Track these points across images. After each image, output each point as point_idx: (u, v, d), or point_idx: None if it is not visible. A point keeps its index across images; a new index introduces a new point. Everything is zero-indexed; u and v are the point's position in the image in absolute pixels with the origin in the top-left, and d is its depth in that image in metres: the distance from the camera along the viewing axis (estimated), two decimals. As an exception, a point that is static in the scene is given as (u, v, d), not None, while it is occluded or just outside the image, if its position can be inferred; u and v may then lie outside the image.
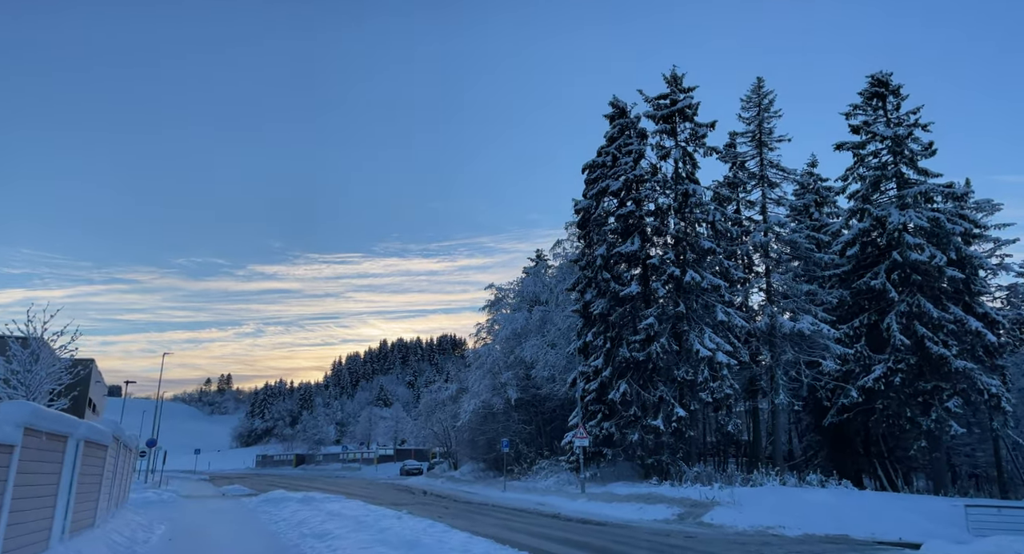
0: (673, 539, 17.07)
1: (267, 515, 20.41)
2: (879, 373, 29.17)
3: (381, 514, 17.21)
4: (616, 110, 34.51)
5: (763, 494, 22.76)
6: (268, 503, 24.00)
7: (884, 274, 30.30)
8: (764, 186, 33.16)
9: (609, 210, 33.14)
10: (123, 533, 13.05)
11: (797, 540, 17.31)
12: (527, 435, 40.13)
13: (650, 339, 29.83)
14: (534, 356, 38.57)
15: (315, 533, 13.38)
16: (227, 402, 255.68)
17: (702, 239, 30.52)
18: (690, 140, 32.47)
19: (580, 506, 26.57)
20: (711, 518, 20.90)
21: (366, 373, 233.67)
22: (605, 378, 30.63)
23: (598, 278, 32.38)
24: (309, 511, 18.65)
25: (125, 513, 16.85)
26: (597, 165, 34.19)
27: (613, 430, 30.10)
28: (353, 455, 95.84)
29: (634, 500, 25.32)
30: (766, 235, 31.74)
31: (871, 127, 32.13)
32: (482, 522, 20.36)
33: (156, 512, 21.36)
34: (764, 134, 33.51)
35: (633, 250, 31.20)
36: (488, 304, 49.46)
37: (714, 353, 28.19)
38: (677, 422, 28.34)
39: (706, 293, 30.12)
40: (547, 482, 34.35)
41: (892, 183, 32.10)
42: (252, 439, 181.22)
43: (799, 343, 30.37)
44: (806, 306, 30.38)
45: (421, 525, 14.21)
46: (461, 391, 48.97)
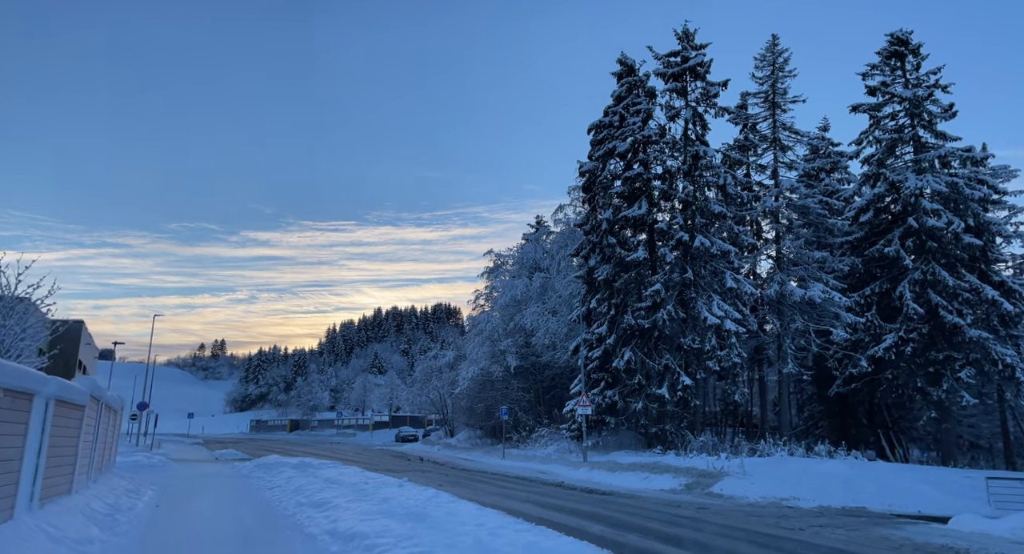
0: (685, 510, 16.38)
1: (261, 481, 19.62)
2: (890, 342, 28.43)
3: (381, 482, 16.40)
4: (624, 67, 33.05)
5: (773, 465, 22.11)
6: (262, 469, 23.23)
7: (898, 241, 29.36)
8: (776, 149, 31.98)
9: (615, 173, 31.93)
10: (105, 500, 12.16)
11: (814, 512, 16.64)
12: (526, 403, 39.51)
13: (656, 306, 28.94)
14: (534, 323, 37.71)
15: (312, 502, 12.53)
16: (221, 367, 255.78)
17: (712, 203, 29.43)
18: (701, 100, 31.14)
19: (583, 475, 25.96)
20: (721, 489, 20.25)
21: (360, 341, 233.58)
22: (609, 346, 29.80)
23: (603, 243, 31.32)
24: (305, 478, 17.84)
25: (110, 478, 15.98)
26: (604, 125, 32.86)
27: (616, 398, 29.38)
28: (348, 421, 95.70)
29: (639, 469, 24.70)
30: (777, 200, 30.67)
31: (889, 88, 30.84)
32: (484, 491, 19.66)
33: (145, 477, 20.54)
34: (778, 95, 32.20)
35: (640, 214, 30.10)
36: (487, 271, 48.45)
37: (722, 321, 27.33)
38: (683, 391, 27.62)
39: (715, 259, 29.14)
40: (547, 450, 33.78)
41: (909, 147, 30.96)
42: (246, 404, 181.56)
43: (808, 311, 29.56)
44: (817, 274, 29.47)
45: (425, 495, 13.37)
46: (459, 358, 48.25)
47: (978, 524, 13.81)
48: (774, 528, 13.73)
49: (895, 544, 12.04)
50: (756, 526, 13.95)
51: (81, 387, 10.39)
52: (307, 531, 10.00)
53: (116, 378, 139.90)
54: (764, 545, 11.55)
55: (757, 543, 11.71)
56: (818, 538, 12.56)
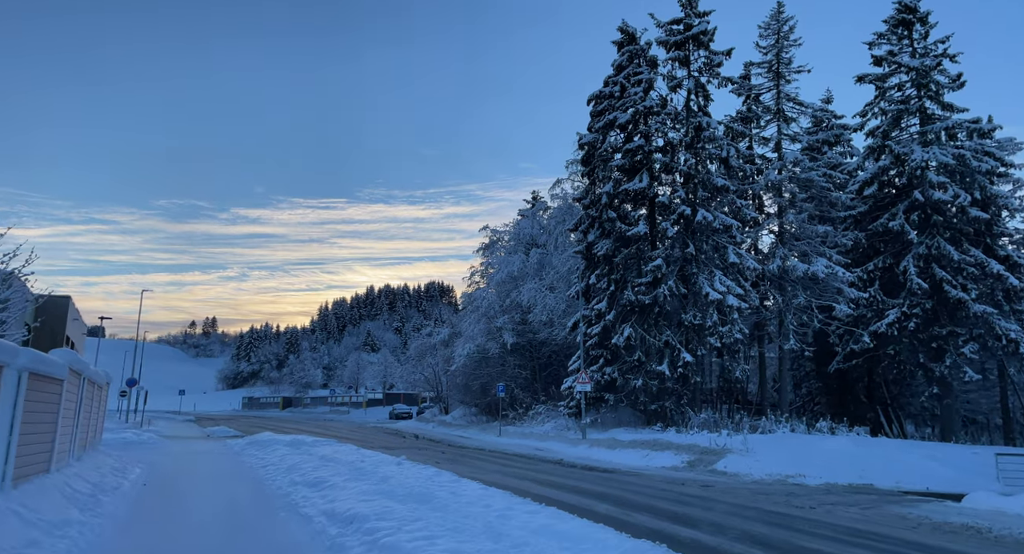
0: (690, 488, 15.96)
1: (254, 459, 19.08)
2: (893, 318, 28.05)
3: (378, 460, 15.88)
4: (625, 36, 32.08)
5: (776, 442, 21.77)
6: (255, 446, 22.69)
7: (903, 215, 28.83)
8: (780, 121, 31.24)
9: (615, 145, 31.12)
10: (89, 479, 11.55)
11: (821, 490, 16.27)
12: (522, 380, 39.09)
13: (657, 281, 28.38)
14: (531, 300, 37.13)
15: (308, 481, 11.97)
16: (212, 345, 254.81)
17: (714, 176, 28.75)
18: (704, 70, 30.27)
19: (582, 452, 25.60)
20: (724, 466, 19.89)
21: (353, 318, 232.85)
22: (608, 322, 29.29)
23: (603, 218, 30.64)
24: (299, 455, 17.30)
25: (96, 456, 15.37)
26: (604, 96, 31.97)
27: (616, 375, 28.94)
28: (341, 399, 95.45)
29: (639, 446, 24.35)
30: (780, 173, 30.01)
31: (896, 57, 30.07)
32: (483, 469, 19.21)
33: (133, 454, 19.96)
34: (782, 64, 31.38)
35: (641, 187, 29.40)
36: (482, 247, 47.73)
37: (724, 296, 26.83)
38: (683, 368, 27.19)
39: (717, 234, 28.54)
40: (544, 427, 33.44)
41: (915, 118, 30.29)
42: (238, 381, 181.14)
43: (811, 287, 29.09)
44: (820, 248, 28.95)
45: (425, 473, 12.86)
46: (454, 335, 47.73)
47: (993, 502, 13.44)
48: (784, 506, 13.32)
49: (912, 523, 11.63)
50: (766, 504, 13.54)
51: (59, 360, 9.71)
52: (303, 512, 9.44)
53: (106, 355, 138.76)
54: (777, 524, 11.11)
55: (770, 522, 11.27)
56: (831, 517, 12.15)
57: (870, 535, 10.34)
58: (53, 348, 30.50)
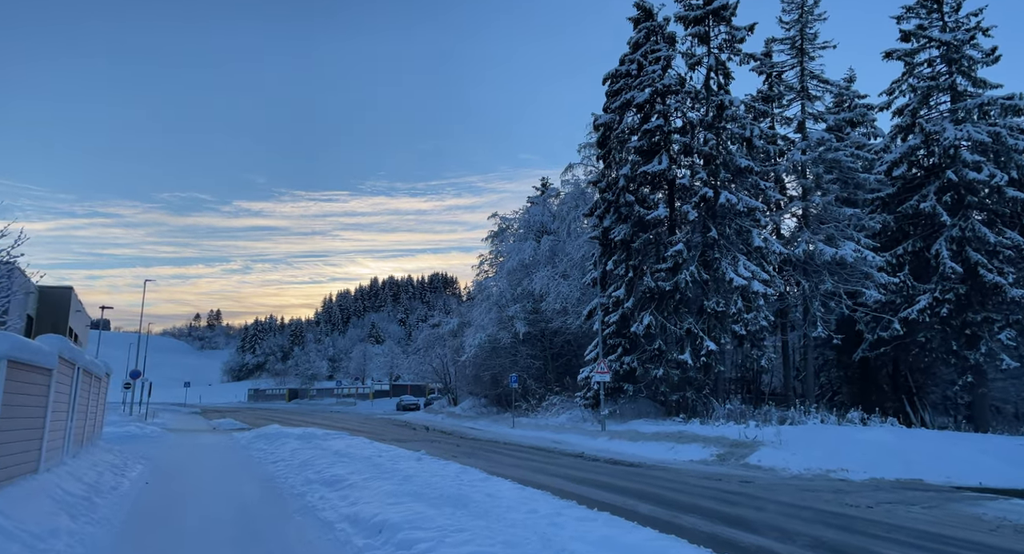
0: (729, 484, 14.93)
1: (263, 453, 18.10)
2: (924, 304, 26.91)
3: (396, 454, 14.88)
4: (641, 12, 30.79)
5: (809, 434, 20.70)
6: (263, 439, 21.74)
7: (934, 196, 27.62)
8: (804, 99, 29.98)
9: (632, 126, 29.90)
10: (84, 479, 10.54)
11: (868, 485, 15.22)
12: (535, 370, 38.06)
13: (678, 267, 27.27)
14: (544, 288, 36.03)
15: (324, 479, 10.95)
16: (217, 337, 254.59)
17: (736, 157, 27.54)
18: (724, 46, 29.01)
19: (602, 445, 24.59)
20: (758, 460, 18.83)
21: (357, 310, 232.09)
22: (627, 309, 28.20)
23: (620, 201, 29.48)
24: (311, 450, 16.30)
25: (94, 452, 14.38)
26: (620, 75, 30.73)
27: (635, 365, 27.89)
28: (348, 390, 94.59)
29: (663, 439, 23.31)
30: (805, 153, 28.79)
31: (926, 31, 28.76)
32: (504, 463, 18.21)
33: (136, 448, 19.00)
34: (806, 40, 30.09)
35: (660, 170, 28.21)
36: (491, 235, 46.61)
37: (749, 282, 25.72)
38: (707, 356, 26.12)
39: (740, 217, 27.39)
40: (559, 419, 32.44)
41: (945, 96, 29.03)
42: (243, 374, 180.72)
43: (837, 272, 27.94)
44: (847, 232, 27.79)
45: (449, 470, 11.84)
46: (463, 325, 46.69)
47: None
48: (839, 506, 12.27)
49: (990, 525, 10.56)
50: (817, 503, 12.49)
51: (47, 347, 8.66)
52: (322, 516, 8.41)
53: (111, 348, 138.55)
54: (843, 527, 10.05)
55: (833, 525, 10.21)
56: (894, 518, 11.09)
57: (950, 540, 9.28)
58: None
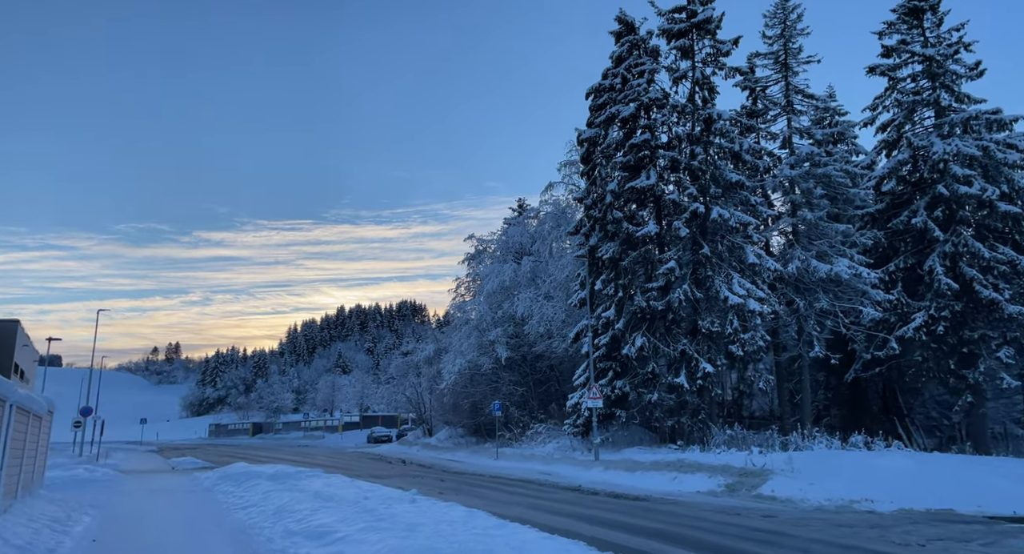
0: (750, 519, 13.53)
1: (230, 497, 16.12)
2: (920, 321, 26.21)
3: (385, 496, 13.14)
4: (623, 26, 30.16)
5: (820, 460, 19.48)
6: (229, 480, 19.65)
7: (924, 211, 27.18)
8: (790, 114, 29.51)
9: (618, 141, 28.99)
10: (13, 539, 8.65)
11: (901, 518, 13.95)
12: (518, 397, 36.41)
13: (669, 285, 26.16)
14: (527, 310, 34.62)
15: (308, 531, 9.23)
16: (176, 371, 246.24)
17: (726, 171, 26.75)
18: (709, 60, 28.42)
19: (598, 476, 23.03)
20: (772, 490, 17.49)
21: (323, 340, 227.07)
22: (618, 331, 26.92)
23: (607, 218, 28.40)
24: (287, 492, 14.44)
25: (31, 503, 12.34)
26: (604, 89, 29.91)
27: (627, 389, 26.53)
28: (315, 423, 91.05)
29: (663, 468, 21.87)
30: (793, 168, 28.18)
31: (909, 46, 28.65)
32: (499, 500, 16.57)
33: (84, 496, 16.82)
34: (790, 55, 29.75)
35: (648, 185, 27.26)
36: (468, 257, 45.15)
37: (745, 300, 24.71)
38: (703, 379, 24.90)
39: (732, 233, 26.50)
40: (546, 448, 30.78)
41: (930, 111, 28.84)
42: (204, 408, 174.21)
43: (832, 289, 27.16)
44: (840, 248, 27.09)
45: (454, 514, 10.21)
46: (440, 352, 44.87)
47: None
48: (885, 544, 10.94)
49: (1074, 562, 9.36)
50: (861, 541, 11.14)
51: (-38, 380, 6.89)
52: (313, 586, 6.73)
53: (62, 385, 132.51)
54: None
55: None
56: (958, 556, 9.82)
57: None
58: None
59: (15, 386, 9.31)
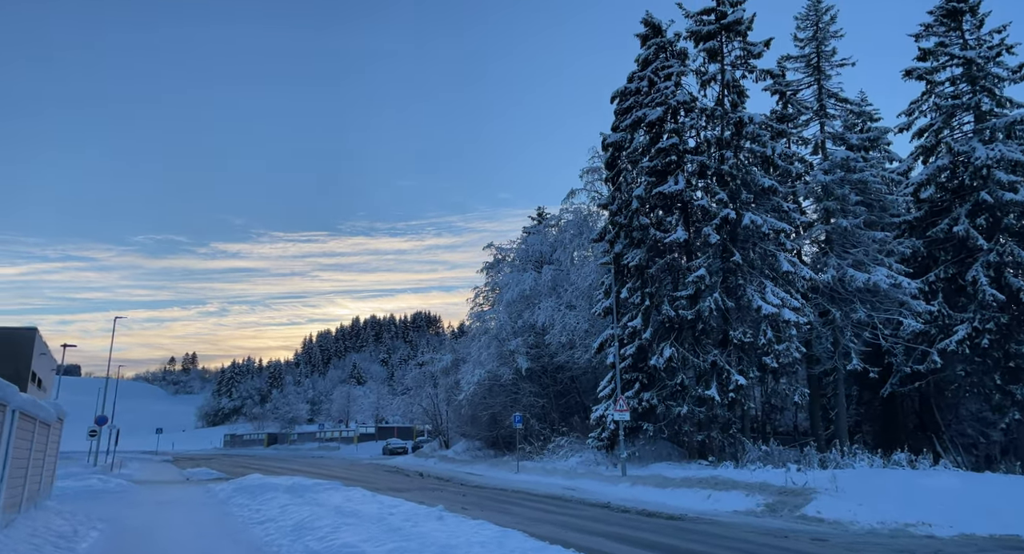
0: (800, 543, 12.54)
1: (245, 510, 15.36)
2: (963, 334, 25.03)
3: (409, 512, 12.31)
4: (649, 28, 29.47)
5: (865, 479, 18.38)
6: (244, 492, 18.91)
7: (966, 218, 26.07)
8: (823, 118, 28.58)
9: (644, 145, 28.19)
10: (12, 559, 7.92)
11: (966, 544, 12.86)
12: (538, 409, 35.46)
13: (699, 294, 25.21)
14: (548, 320, 33.75)
15: (330, 551, 8.45)
16: (192, 381, 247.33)
17: (758, 176, 25.85)
18: (739, 63, 27.62)
19: (625, 492, 22.05)
20: (817, 511, 16.42)
21: (338, 351, 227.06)
22: (645, 341, 25.98)
23: (633, 225, 27.56)
24: (306, 507, 13.65)
25: (37, 516, 11.65)
26: (629, 92, 29.18)
27: (655, 402, 25.53)
28: (331, 434, 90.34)
29: (695, 485, 20.84)
30: (828, 173, 27.21)
31: (947, 49, 27.68)
32: (526, 516, 15.69)
33: (94, 508, 16.14)
34: (823, 58, 28.88)
35: (677, 190, 26.41)
36: (487, 266, 44.43)
37: (780, 310, 23.70)
38: (735, 391, 23.87)
39: (764, 240, 25.55)
40: (569, 463, 29.79)
41: (969, 115, 27.79)
42: (219, 418, 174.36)
43: (869, 300, 26.07)
44: (877, 257, 26.02)
45: (487, 534, 9.36)
46: (458, 362, 44.07)
47: None
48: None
49: None
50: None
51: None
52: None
53: (80, 394, 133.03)
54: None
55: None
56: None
57: None
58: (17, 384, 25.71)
59: (16, 390, 8.63)
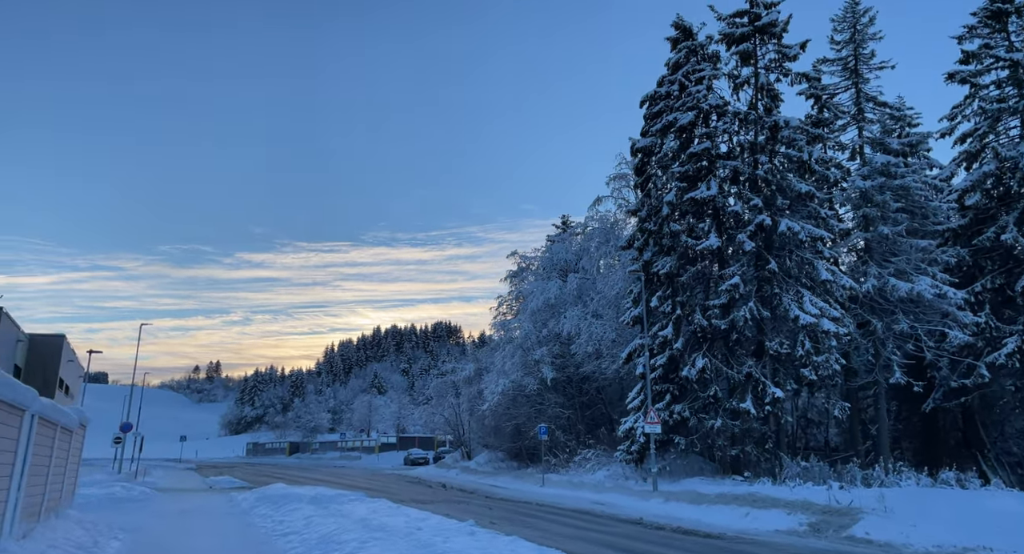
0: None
1: (268, 521, 14.90)
2: (1013, 346, 23.89)
3: (439, 526, 11.73)
4: (680, 32, 28.90)
5: (916, 499, 17.38)
6: (267, 502, 18.49)
7: (1015, 226, 24.98)
8: (861, 123, 27.70)
9: (674, 150, 27.55)
10: (26, 573, 7.47)
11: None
12: (564, 421, 34.71)
13: (732, 303, 24.42)
14: (574, 329, 33.07)
15: (358, 571, 7.86)
16: (216, 389, 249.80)
17: (795, 182, 25.04)
18: (773, 66, 26.92)
19: (658, 508, 21.23)
20: (866, 532, 15.50)
21: (359, 360, 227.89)
22: (676, 351, 25.21)
23: (663, 231, 26.88)
24: (330, 519, 13.13)
25: (57, 526, 11.26)
26: (659, 96, 28.59)
27: (687, 414, 24.71)
28: (352, 443, 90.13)
29: (731, 502, 19.97)
30: (867, 179, 26.31)
31: (993, 51, 26.71)
32: (553, 532, 15.04)
33: (115, 517, 15.79)
34: (860, 61, 28.02)
35: (709, 196, 25.69)
36: (510, 274, 43.90)
37: (819, 320, 22.82)
38: (772, 404, 22.98)
39: (801, 247, 24.71)
40: (596, 476, 28.99)
41: (1016, 119, 26.76)
42: (242, 427, 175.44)
43: (912, 310, 25.05)
44: (921, 266, 25.02)
45: (524, 552, 8.74)
46: (481, 371, 43.49)
47: None
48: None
49: None
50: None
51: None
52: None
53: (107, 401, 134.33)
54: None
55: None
56: None
57: None
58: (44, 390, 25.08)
59: (36, 394, 8.24)
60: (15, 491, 8.32)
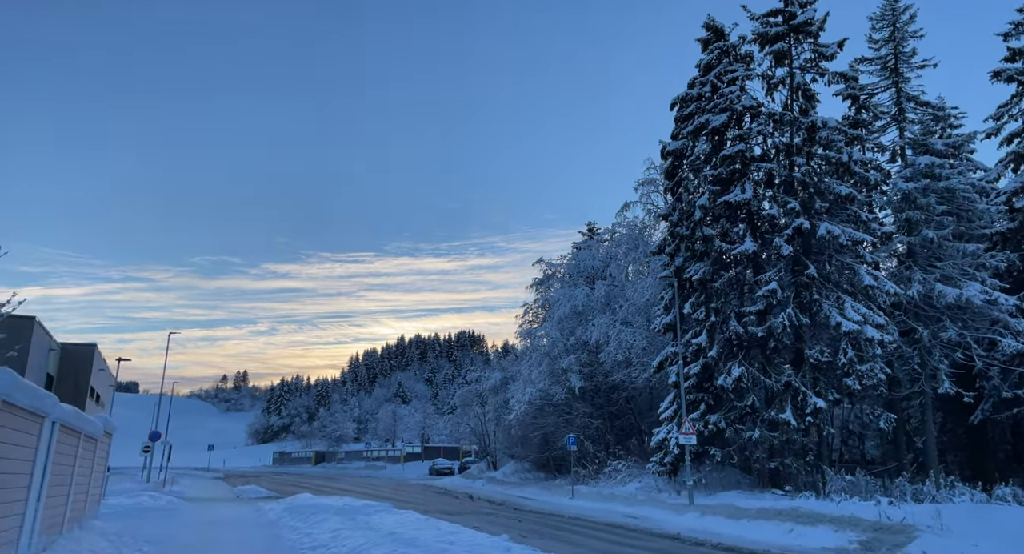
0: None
1: (296, 534, 14.47)
2: (1069, 354, 22.71)
3: (472, 541, 11.17)
4: (711, 33, 28.26)
5: (974, 516, 16.39)
6: (295, 513, 18.09)
7: (1067, 229, 23.86)
8: (902, 123, 26.74)
9: (706, 153, 26.87)
10: (43, 589, 7.07)
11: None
12: (592, 431, 33.94)
13: (770, 309, 23.58)
14: (602, 337, 32.37)
15: (391, 591, 7.33)
16: (243, 399, 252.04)
17: (834, 184, 24.19)
18: (808, 66, 26.15)
19: (694, 523, 20.39)
20: (922, 551, 14.40)
21: (384, 369, 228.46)
22: (711, 359, 24.39)
23: (695, 236, 26.16)
24: (359, 531, 12.65)
25: (80, 538, 10.92)
26: (691, 99, 27.93)
27: (723, 425, 23.85)
28: (377, 453, 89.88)
29: (772, 517, 19.07)
30: (909, 181, 25.35)
31: (1041, 48, 25.69)
32: (588, 546, 14.49)
33: (141, 527, 15.48)
34: (900, 60, 27.09)
35: (744, 199, 24.93)
36: (536, 282, 43.35)
37: (862, 327, 21.89)
38: (813, 415, 22.05)
39: (841, 252, 23.81)
40: (627, 488, 28.17)
41: (1066, 119, 25.64)
42: (268, 436, 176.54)
43: (959, 317, 23.98)
44: (968, 271, 23.96)
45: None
46: (506, 380, 42.91)
47: None
48: None
49: None
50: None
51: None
52: None
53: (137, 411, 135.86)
54: None
55: None
56: None
57: None
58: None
59: (56, 400, 7.89)
60: (34, 502, 7.96)
